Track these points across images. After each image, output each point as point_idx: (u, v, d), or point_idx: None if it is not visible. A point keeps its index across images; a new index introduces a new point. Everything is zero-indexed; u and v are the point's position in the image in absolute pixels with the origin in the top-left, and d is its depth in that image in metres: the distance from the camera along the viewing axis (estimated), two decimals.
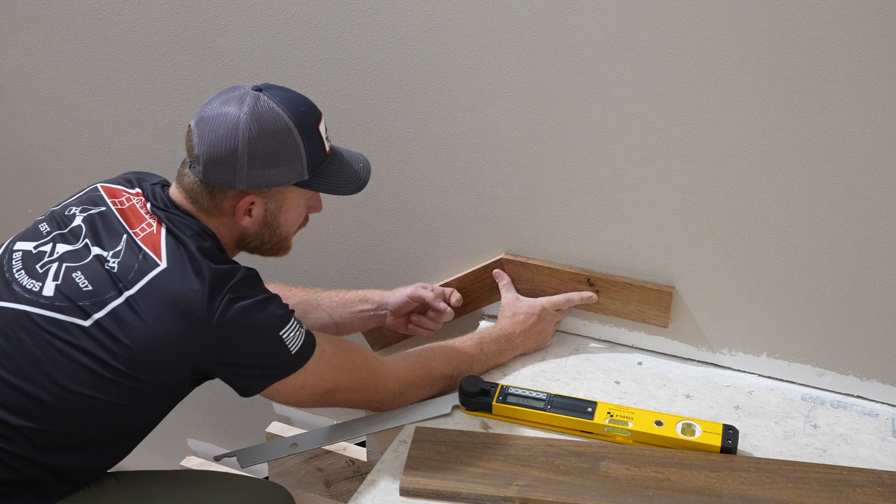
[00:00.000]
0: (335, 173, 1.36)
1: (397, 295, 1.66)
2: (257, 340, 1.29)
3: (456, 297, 1.67)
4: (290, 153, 1.29)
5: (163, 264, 1.27)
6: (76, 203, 1.38)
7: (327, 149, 1.35)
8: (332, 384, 1.39)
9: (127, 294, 1.25)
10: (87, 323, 1.25)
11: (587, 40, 1.41)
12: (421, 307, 1.69)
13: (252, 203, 1.33)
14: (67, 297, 1.26)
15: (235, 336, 1.27)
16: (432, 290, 1.66)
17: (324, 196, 1.43)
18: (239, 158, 1.27)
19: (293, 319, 1.33)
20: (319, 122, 1.33)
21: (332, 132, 1.52)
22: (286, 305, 1.34)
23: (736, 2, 1.29)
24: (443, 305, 1.65)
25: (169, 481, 1.45)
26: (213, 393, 1.66)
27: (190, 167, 1.33)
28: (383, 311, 1.68)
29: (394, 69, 1.60)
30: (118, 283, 1.26)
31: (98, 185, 1.41)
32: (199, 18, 1.72)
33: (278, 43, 1.67)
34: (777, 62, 1.31)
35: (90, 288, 1.26)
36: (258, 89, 1.30)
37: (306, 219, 1.44)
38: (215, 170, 1.29)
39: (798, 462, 1.39)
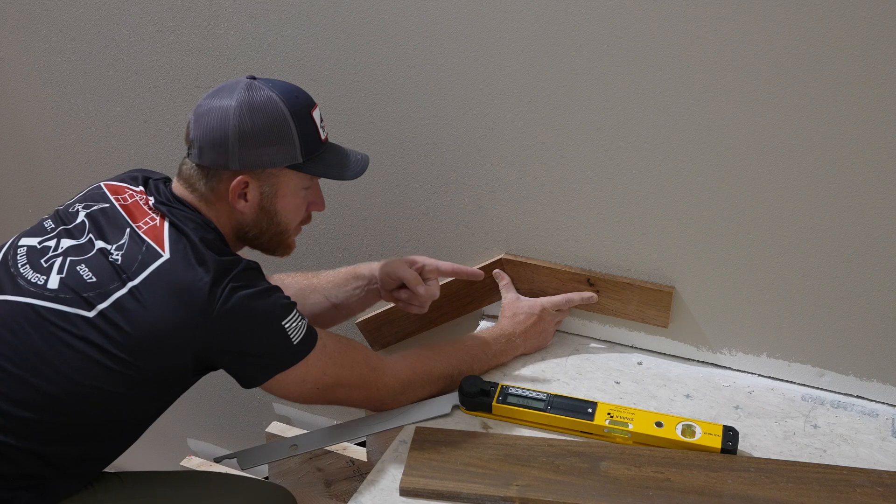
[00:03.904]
0: (331, 160, 1.38)
1: (382, 270, 1.60)
2: (260, 328, 1.30)
3: (432, 291, 1.57)
4: (282, 133, 1.31)
5: (165, 255, 1.28)
6: (79, 201, 1.40)
7: (322, 137, 1.37)
8: (333, 379, 1.39)
9: (130, 284, 1.26)
10: (91, 314, 1.25)
11: (587, 40, 1.41)
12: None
13: (246, 185, 1.34)
14: (72, 289, 1.27)
15: (238, 324, 1.28)
16: (414, 268, 1.57)
17: (323, 193, 1.44)
18: (230, 137, 1.30)
19: (295, 310, 1.33)
20: (313, 108, 1.36)
21: (332, 132, 1.52)
22: (288, 297, 1.35)
23: (736, 2, 1.29)
24: (420, 289, 1.55)
25: (172, 482, 1.45)
26: (213, 393, 1.66)
27: (188, 155, 1.36)
28: (375, 286, 1.63)
29: (394, 69, 1.60)
30: (122, 274, 1.27)
31: (101, 184, 1.43)
32: (199, 18, 1.72)
33: (279, 43, 1.67)
34: (777, 63, 1.31)
35: (94, 279, 1.27)
36: (252, 78, 1.34)
37: (308, 215, 1.45)
38: (209, 151, 1.32)
39: (798, 462, 1.39)
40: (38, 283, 1.29)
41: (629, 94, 1.43)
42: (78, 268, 1.29)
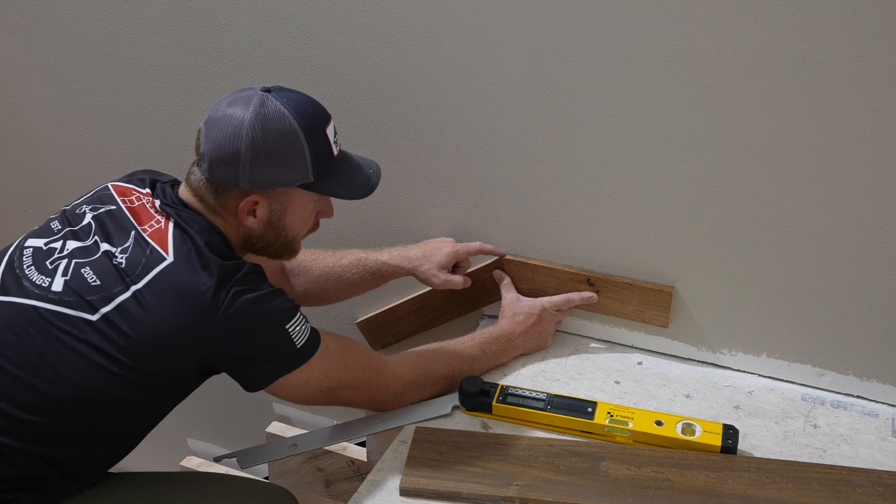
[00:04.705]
0: (342, 177, 1.36)
1: (420, 279, 1.66)
2: (263, 332, 1.30)
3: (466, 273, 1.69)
4: (294, 154, 1.29)
5: (169, 258, 1.27)
6: (87, 202, 1.40)
7: (335, 152, 1.35)
8: (335, 381, 1.39)
9: (134, 288, 1.26)
10: (94, 317, 1.25)
11: (587, 40, 1.41)
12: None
13: (256, 203, 1.33)
14: (76, 292, 1.27)
15: (241, 328, 1.27)
16: (452, 265, 1.66)
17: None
18: (242, 157, 1.28)
19: (299, 314, 1.33)
20: (327, 125, 1.34)
21: None
22: (291, 300, 1.34)
23: (736, 2, 1.29)
24: (467, 283, 1.67)
25: (174, 483, 1.45)
26: (213, 393, 1.66)
27: (197, 165, 1.35)
28: (396, 277, 1.71)
29: (394, 69, 1.60)
30: (126, 277, 1.27)
31: (109, 185, 1.42)
32: (199, 18, 1.72)
33: (279, 43, 1.67)
34: (778, 63, 1.31)
35: (98, 283, 1.27)
36: (267, 90, 1.31)
37: (317, 223, 1.44)
38: (219, 168, 1.30)
39: (798, 462, 1.39)
40: (43, 285, 1.29)
41: (629, 94, 1.43)
42: (82, 270, 1.29)
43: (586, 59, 1.43)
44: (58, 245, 1.33)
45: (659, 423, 1.43)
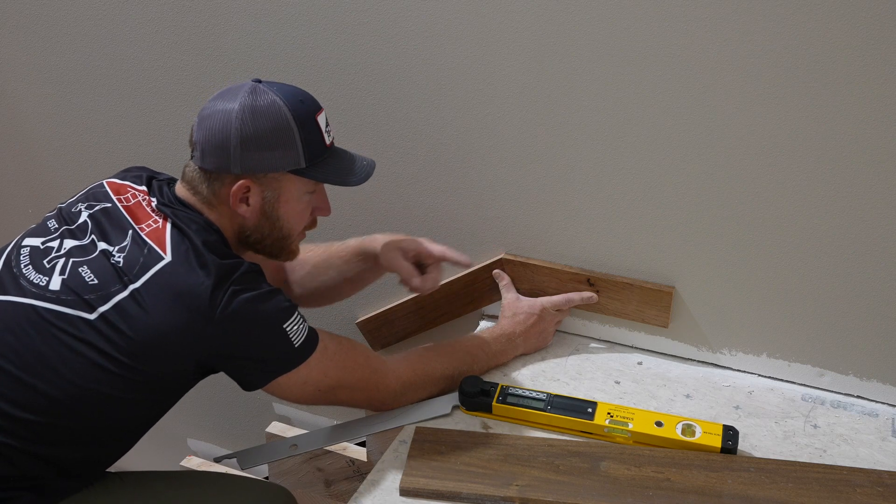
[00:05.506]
0: (335, 166, 1.37)
1: (382, 257, 1.59)
2: (261, 332, 1.30)
3: (429, 284, 1.57)
4: (284, 138, 1.30)
5: (167, 258, 1.28)
6: (82, 200, 1.40)
7: (328, 142, 1.36)
8: (334, 381, 1.39)
9: (132, 287, 1.26)
10: (92, 316, 1.25)
11: (587, 40, 1.41)
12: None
13: (248, 189, 1.33)
14: (73, 291, 1.27)
15: (239, 328, 1.27)
16: (410, 256, 1.57)
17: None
18: (232, 141, 1.29)
19: (297, 313, 1.33)
20: (318, 113, 1.35)
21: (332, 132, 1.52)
22: (289, 299, 1.34)
23: (736, 2, 1.29)
24: (415, 282, 1.56)
25: (172, 482, 1.45)
26: (213, 393, 1.66)
27: (191, 157, 1.36)
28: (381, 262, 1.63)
29: (394, 69, 1.60)
30: (123, 276, 1.27)
31: (104, 182, 1.42)
32: (199, 18, 1.72)
33: (279, 43, 1.67)
34: (778, 63, 1.31)
35: (96, 282, 1.27)
36: (257, 81, 1.33)
37: (314, 220, 1.44)
38: (211, 154, 1.31)
39: (798, 462, 1.39)
40: (40, 283, 1.29)
41: (629, 94, 1.43)
42: (80, 269, 1.29)
43: (586, 59, 1.43)
44: (55, 244, 1.33)
45: (659, 424, 1.43)
